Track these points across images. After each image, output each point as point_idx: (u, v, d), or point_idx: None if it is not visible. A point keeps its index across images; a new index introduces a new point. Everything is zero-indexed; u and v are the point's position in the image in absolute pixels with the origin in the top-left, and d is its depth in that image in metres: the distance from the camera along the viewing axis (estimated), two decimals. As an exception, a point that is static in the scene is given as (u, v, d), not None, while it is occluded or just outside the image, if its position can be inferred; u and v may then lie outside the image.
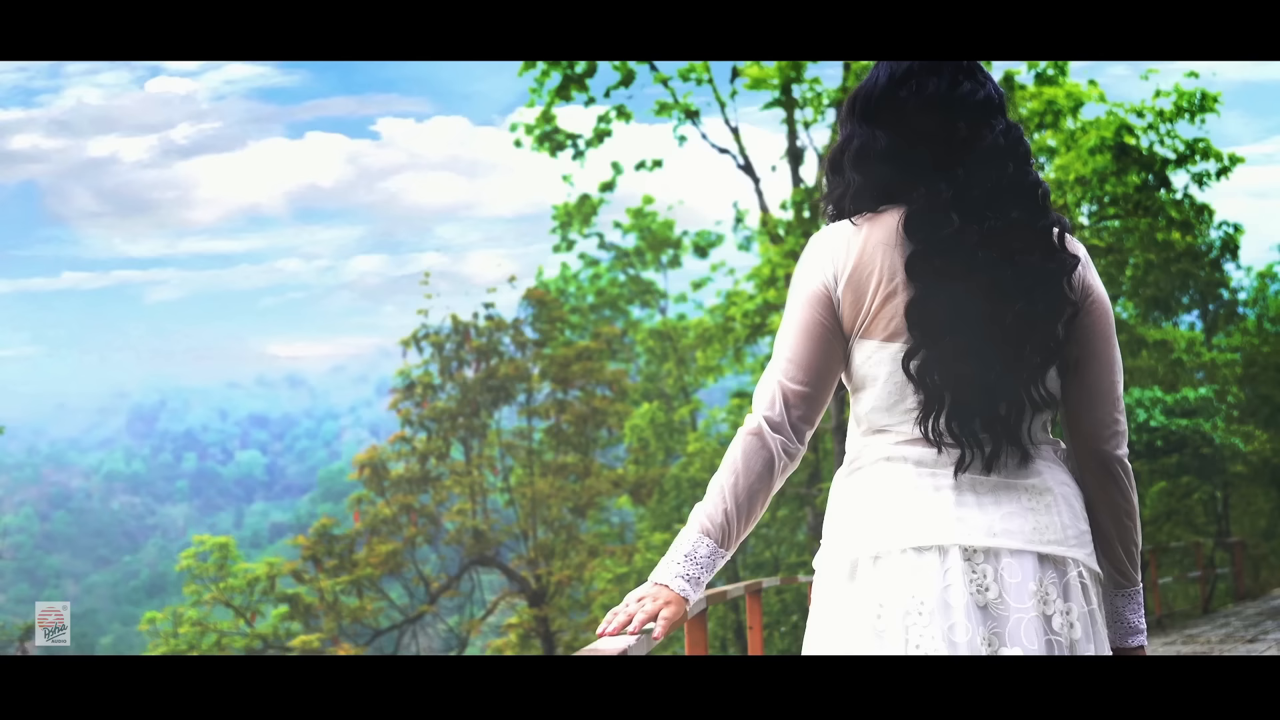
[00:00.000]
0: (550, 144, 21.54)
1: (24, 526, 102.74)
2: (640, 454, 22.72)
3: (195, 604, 18.79)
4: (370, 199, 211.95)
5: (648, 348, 27.50)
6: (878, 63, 2.49)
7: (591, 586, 20.71)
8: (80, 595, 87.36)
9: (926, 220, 2.31)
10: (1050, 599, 2.27)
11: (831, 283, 2.35)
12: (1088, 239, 17.90)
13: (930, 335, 2.28)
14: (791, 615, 21.72)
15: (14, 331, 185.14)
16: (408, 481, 20.15)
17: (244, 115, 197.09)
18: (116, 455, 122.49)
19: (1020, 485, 2.33)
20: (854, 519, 2.37)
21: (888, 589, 2.27)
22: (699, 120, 20.93)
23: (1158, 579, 17.70)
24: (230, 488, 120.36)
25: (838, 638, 2.33)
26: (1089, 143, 15.82)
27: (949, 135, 2.34)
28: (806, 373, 2.38)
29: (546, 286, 26.41)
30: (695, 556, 2.36)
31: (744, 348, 21.80)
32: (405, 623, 19.91)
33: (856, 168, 2.41)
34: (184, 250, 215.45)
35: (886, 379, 2.34)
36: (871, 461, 2.38)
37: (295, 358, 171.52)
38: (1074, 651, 2.27)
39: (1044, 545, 2.28)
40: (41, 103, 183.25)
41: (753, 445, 2.38)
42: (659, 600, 2.35)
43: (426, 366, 21.01)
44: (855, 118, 2.44)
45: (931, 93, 2.37)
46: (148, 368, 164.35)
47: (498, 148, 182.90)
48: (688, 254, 28.70)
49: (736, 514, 2.37)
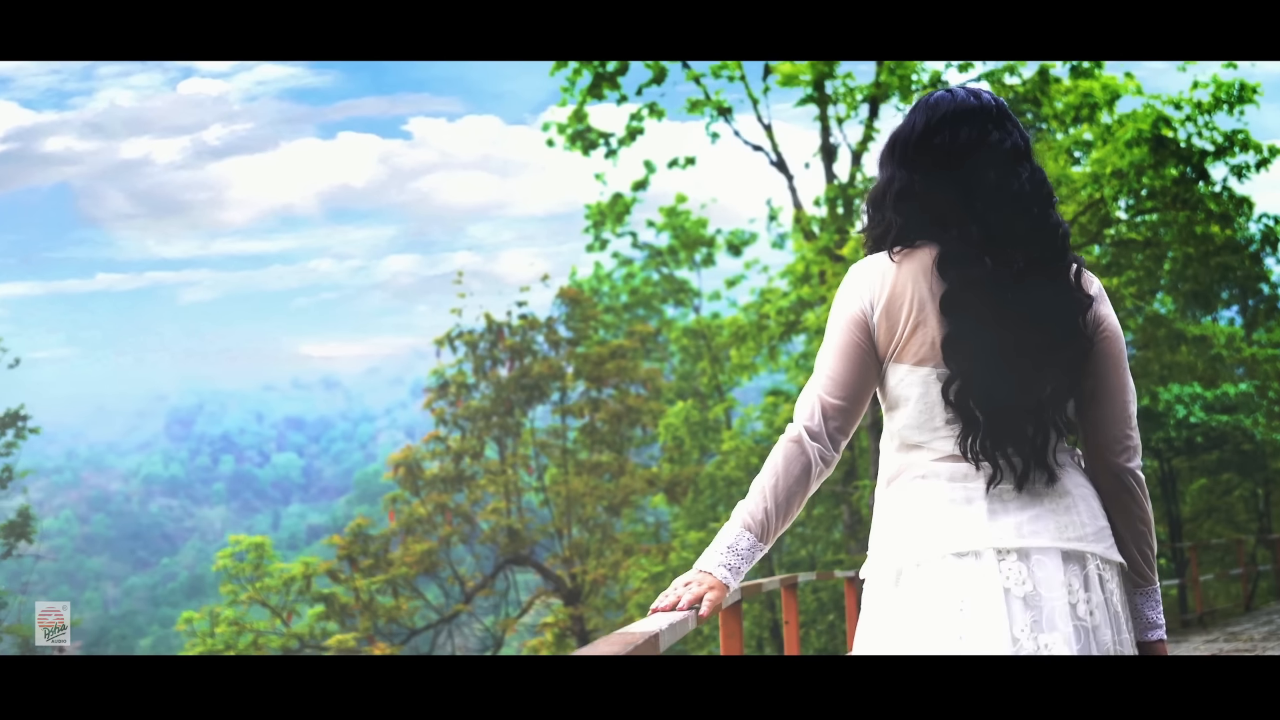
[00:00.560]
0: (583, 143, 21.51)
1: (64, 529, 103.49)
2: (675, 452, 22.61)
3: (231, 603, 18.82)
4: (402, 199, 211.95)
5: (681, 346, 27.39)
6: (914, 108, 2.71)
7: (627, 585, 20.64)
8: (119, 597, 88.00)
9: (959, 259, 2.55)
10: (1074, 589, 2.51)
11: (869, 309, 2.61)
12: (1125, 233, 17.74)
13: (963, 364, 2.53)
14: (828, 614, 21.59)
15: (49, 333, 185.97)
16: (442, 481, 20.13)
17: (276, 116, 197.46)
18: (155, 458, 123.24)
19: (1044, 493, 2.58)
20: (896, 530, 2.61)
21: (932, 592, 2.52)
22: (732, 117, 20.86)
23: (1199, 576, 17.48)
24: (267, 490, 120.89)
25: (887, 639, 2.56)
26: (1126, 135, 15.60)
27: (980, 180, 2.56)
28: (844, 389, 2.65)
29: (580, 286, 26.35)
30: (737, 548, 2.65)
31: (778, 345, 21.68)
32: (440, 622, 19.88)
33: (896, 208, 2.64)
34: (217, 251, 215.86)
35: (918, 400, 2.60)
36: (910, 478, 2.64)
37: (329, 358, 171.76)
38: (1095, 636, 2.50)
39: (1066, 542, 2.53)
40: (74, 105, 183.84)
41: (793, 451, 2.65)
42: (703, 585, 2.63)
43: (460, 366, 20.98)
44: (894, 161, 2.68)
45: (964, 140, 2.59)
46: (182, 369, 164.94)
47: (530, 147, 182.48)
48: (721, 252, 28.59)
49: (775, 512, 2.64)
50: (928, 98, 2.71)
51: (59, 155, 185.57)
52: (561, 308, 22.09)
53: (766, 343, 20.77)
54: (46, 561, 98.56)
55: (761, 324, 20.57)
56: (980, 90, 2.69)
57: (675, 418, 22.32)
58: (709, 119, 20.90)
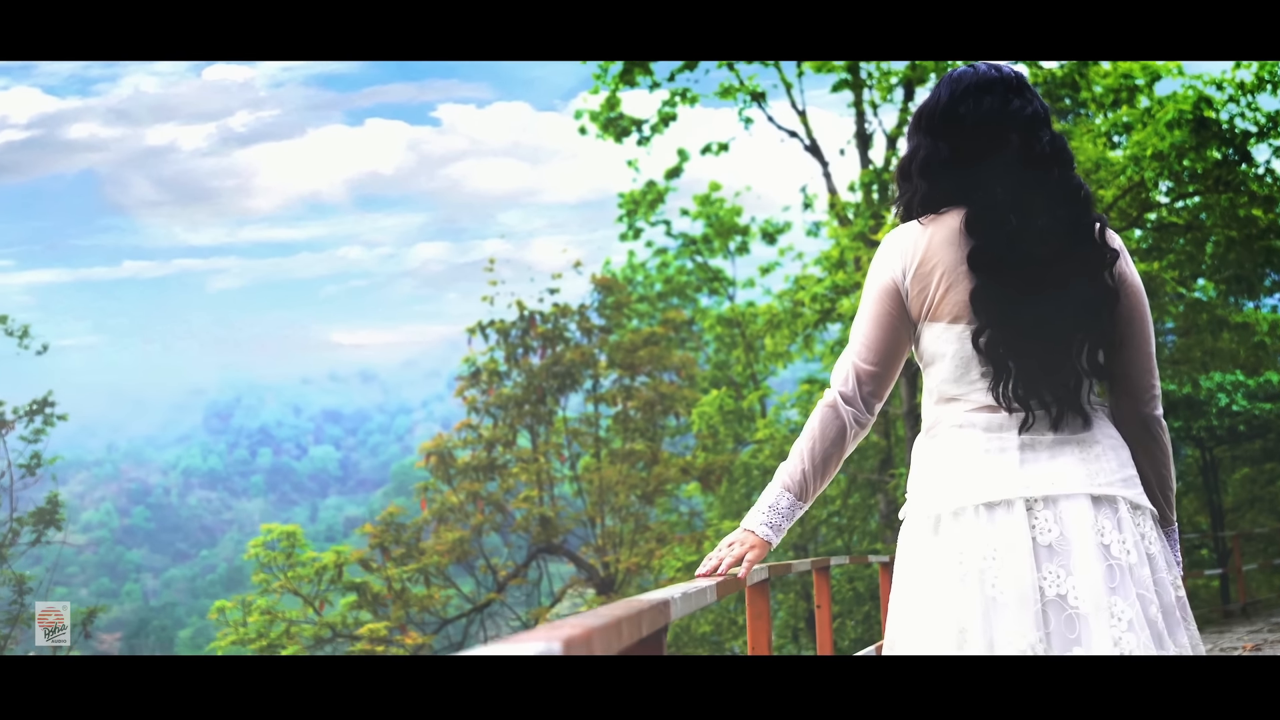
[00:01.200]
0: (615, 130, 21.37)
1: (104, 521, 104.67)
2: (709, 441, 22.45)
3: (264, 593, 18.75)
4: (432, 186, 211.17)
5: (716, 335, 27.21)
6: (939, 83, 2.88)
7: (661, 575, 20.50)
8: (159, 589, 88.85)
9: (985, 220, 2.70)
10: (1106, 531, 2.62)
11: (900, 277, 2.76)
12: (1165, 216, 17.44)
13: (993, 318, 2.67)
14: (864, 604, 21.40)
15: (75, 321, 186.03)
16: (474, 469, 19.99)
17: (302, 102, 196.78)
18: (193, 451, 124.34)
19: (1074, 440, 2.71)
20: (934, 478, 2.75)
21: (966, 540, 2.64)
22: (765, 103, 20.68)
23: (1241, 566, 17.21)
24: (305, 482, 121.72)
25: (925, 583, 2.68)
26: (1166, 116, 15.30)
27: (1003, 145, 2.73)
28: (877, 355, 2.83)
29: (614, 275, 26.18)
30: (778, 507, 2.88)
31: (813, 333, 21.49)
32: (472, 611, 19.75)
33: (922, 175, 2.81)
34: (244, 238, 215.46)
35: (954, 355, 2.74)
36: (947, 427, 2.77)
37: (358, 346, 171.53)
38: (1132, 573, 2.59)
39: (1095, 488, 2.65)
40: (98, 91, 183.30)
41: (829, 416, 2.87)
42: (745, 544, 2.89)
43: (492, 353, 20.83)
44: (920, 131, 2.85)
45: (986, 108, 2.76)
46: (215, 359, 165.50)
47: (560, 133, 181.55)
48: (756, 240, 28.36)
49: (813, 473, 2.87)
50: (951, 73, 2.87)
51: (84, 142, 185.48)
52: (596, 295, 21.93)
53: (801, 330, 20.58)
54: (87, 554, 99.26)
55: (796, 311, 20.39)
56: (1000, 64, 2.87)
57: (709, 406, 22.15)
58: (742, 105, 20.72)
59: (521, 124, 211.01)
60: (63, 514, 16.72)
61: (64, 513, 16.79)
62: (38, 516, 16.66)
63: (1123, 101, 18.25)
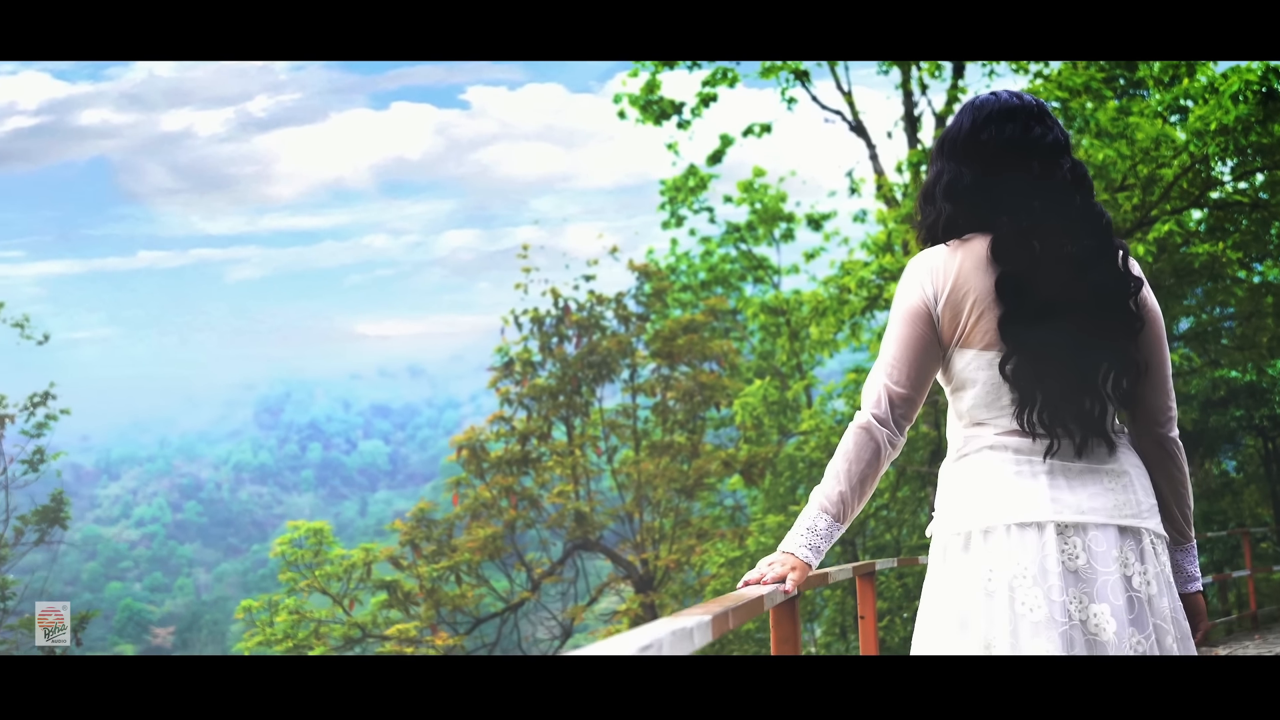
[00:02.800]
0: (653, 113, 20.76)
1: (156, 516, 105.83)
2: (752, 433, 21.73)
3: (290, 592, 18.20)
4: (461, 171, 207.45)
5: (760, 324, 26.49)
6: (961, 109, 2.93)
7: (703, 571, 19.84)
8: (211, 583, 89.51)
9: (1011, 246, 2.75)
10: (1129, 563, 2.70)
11: (931, 301, 2.81)
12: (1230, 195, 16.71)
13: (1020, 345, 2.73)
14: (914, 601, 20.66)
15: (89, 313, 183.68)
16: (507, 463, 19.31)
17: (324, 86, 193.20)
18: (244, 446, 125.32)
19: (1102, 470, 2.78)
20: (966, 498, 2.83)
21: (996, 558, 2.72)
22: (809, 81, 20.02)
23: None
24: (354, 477, 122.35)
25: (954, 599, 2.76)
26: (1231, 89, 14.60)
27: (1024, 172, 2.79)
28: (908, 379, 2.85)
29: (656, 264, 25.49)
30: (816, 529, 2.89)
31: (860, 320, 20.78)
32: (506, 610, 19.09)
33: (947, 198, 2.86)
34: (265, 227, 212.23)
35: (985, 381, 2.80)
36: (976, 450, 2.85)
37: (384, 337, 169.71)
38: (1151, 605, 2.69)
39: (1123, 519, 2.74)
40: (110, 75, 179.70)
41: (863, 438, 2.87)
42: (786, 564, 2.88)
43: (525, 343, 20.12)
44: (944, 155, 2.90)
45: (1009, 135, 2.81)
46: (230, 350, 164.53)
47: (595, 116, 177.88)
48: (801, 227, 27.62)
49: (850, 495, 2.89)
50: (974, 100, 2.93)
51: (95, 128, 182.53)
52: (636, 282, 21.22)
53: (848, 317, 19.89)
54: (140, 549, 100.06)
55: (842, 298, 19.73)
56: (1022, 93, 2.90)
57: (753, 397, 21.46)
58: (784, 84, 20.04)
59: (555, 106, 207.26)
60: (68, 512, 16.16)
61: (69, 510, 16.23)
62: (41, 515, 16.07)
63: (1182, 77, 17.47)
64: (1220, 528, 19.41)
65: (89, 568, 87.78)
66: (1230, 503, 21.63)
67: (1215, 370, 19.18)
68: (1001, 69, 18.45)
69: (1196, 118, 15.21)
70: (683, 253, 28.26)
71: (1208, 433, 19.20)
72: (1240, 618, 14.92)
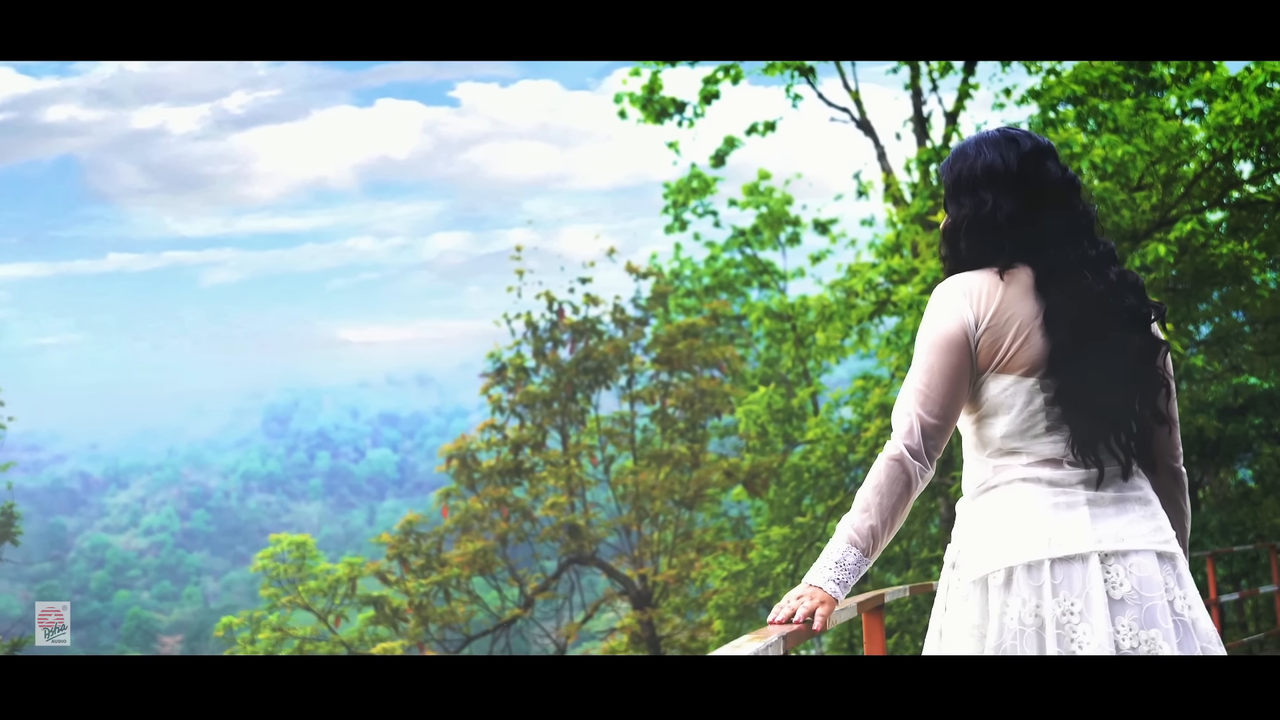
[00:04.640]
0: (654, 111, 20.20)
1: (165, 525, 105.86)
2: (756, 442, 21.05)
3: (272, 608, 17.56)
4: (450, 171, 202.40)
5: (766, 329, 25.86)
6: (990, 144, 2.98)
7: (706, 585, 19.16)
8: (219, 592, 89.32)
9: (1060, 277, 2.88)
10: (1170, 588, 2.79)
11: (971, 326, 2.88)
12: (1253, 194, 16.12)
13: (1069, 376, 2.83)
14: (924, 615, 20.01)
15: (56, 318, 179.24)
16: (499, 473, 18.57)
17: (306, 82, 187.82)
18: (252, 455, 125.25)
19: (1132, 497, 2.89)
20: (1002, 532, 2.86)
21: (1044, 593, 2.76)
22: (815, 78, 19.44)
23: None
24: (362, 485, 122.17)
25: (998, 637, 2.78)
26: (1256, 82, 13.99)
27: (1068, 208, 2.95)
28: (942, 408, 2.90)
29: (659, 268, 24.84)
30: (845, 564, 2.89)
31: (868, 325, 20.17)
32: (497, 627, 18.36)
33: (1009, 230, 2.93)
34: (242, 229, 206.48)
35: (1022, 407, 2.86)
36: (1006, 482, 2.90)
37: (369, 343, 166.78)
38: (1195, 629, 2.77)
39: (1160, 545, 2.84)
40: (78, 71, 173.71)
41: (895, 470, 2.90)
42: (815, 599, 2.89)
43: (518, 348, 19.39)
44: (987, 188, 2.96)
45: (1049, 171, 2.95)
46: (206, 355, 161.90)
47: (592, 114, 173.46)
48: (807, 230, 27.02)
49: (881, 528, 2.91)
50: (1000, 134, 2.97)
51: (62, 125, 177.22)
52: (635, 285, 20.54)
53: (855, 322, 19.27)
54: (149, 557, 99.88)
55: (850, 302, 19.15)
56: (1034, 134, 2.97)
57: (757, 404, 20.81)
58: (789, 80, 19.45)
59: (549, 104, 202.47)
60: (19, 526, 15.48)
61: (20, 525, 15.54)
62: (-13, 530, 15.37)
63: (1201, 73, 16.87)
64: (1240, 540, 18.79)
65: (97, 576, 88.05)
66: (1249, 513, 21.05)
67: (1235, 376, 18.59)
68: (1014, 65, 17.96)
69: (1217, 112, 14.61)
70: (686, 257, 27.69)
71: (1225, 441, 18.60)
72: (1267, 636, 14.33)
